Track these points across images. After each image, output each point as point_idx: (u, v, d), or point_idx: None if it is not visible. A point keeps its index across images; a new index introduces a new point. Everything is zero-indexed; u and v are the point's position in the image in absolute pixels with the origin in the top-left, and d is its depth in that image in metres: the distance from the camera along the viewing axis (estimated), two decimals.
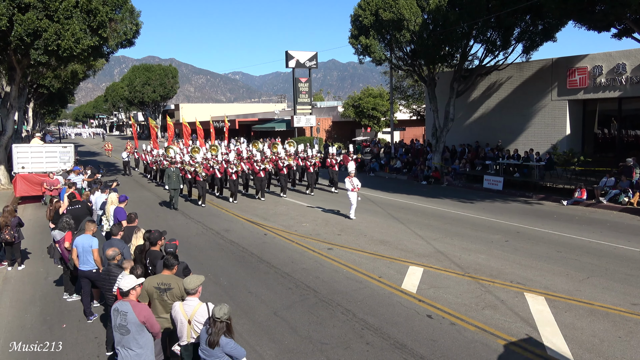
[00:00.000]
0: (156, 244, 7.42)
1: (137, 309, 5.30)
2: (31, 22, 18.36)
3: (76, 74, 35.44)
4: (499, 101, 25.48)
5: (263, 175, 19.73)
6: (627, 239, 12.58)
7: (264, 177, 19.89)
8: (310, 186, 21.13)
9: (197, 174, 18.73)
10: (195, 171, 18.85)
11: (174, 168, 18.37)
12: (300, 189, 22.55)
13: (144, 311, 5.35)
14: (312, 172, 21.12)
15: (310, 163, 20.92)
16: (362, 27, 24.47)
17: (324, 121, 45.79)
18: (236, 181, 19.62)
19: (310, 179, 21.16)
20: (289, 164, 21.16)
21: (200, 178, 18.65)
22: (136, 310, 5.28)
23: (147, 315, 5.35)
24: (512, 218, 15.37)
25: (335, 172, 21.48)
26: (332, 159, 21.54)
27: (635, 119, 22.00)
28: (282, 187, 20.75)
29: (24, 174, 20.36)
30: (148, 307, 5.53)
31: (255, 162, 19.93)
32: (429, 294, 9.02)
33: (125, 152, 31.06)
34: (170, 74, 73.12)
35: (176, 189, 18.08)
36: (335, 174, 21.50)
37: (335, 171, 21.51)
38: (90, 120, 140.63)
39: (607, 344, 6.95)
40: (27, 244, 12.94)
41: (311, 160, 21.04)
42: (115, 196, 11.65)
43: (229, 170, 19.44)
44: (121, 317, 5.29)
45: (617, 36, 17.50)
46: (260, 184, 19.85)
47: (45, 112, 64.47)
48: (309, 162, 20.97)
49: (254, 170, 19.80)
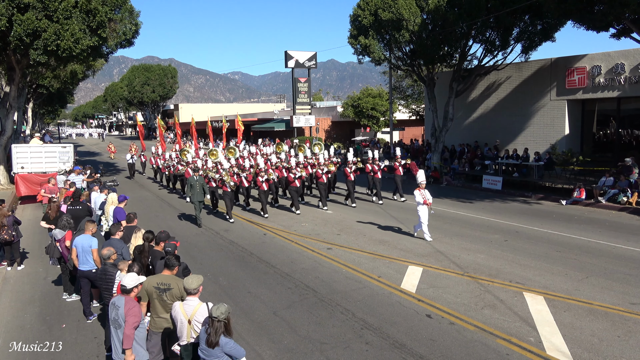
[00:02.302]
0: (159, 243, 7.44)
1: (128, 304, 5.48)
2: (30, 23, 18.35)
3: (75, 74, 35.40)
4: (498, 101, 25.49)
5: (299, 184, 17.12)
6: (626, 238, 12.60)
7: (299, 187, 17.20)
8: (350, 196, 18.16)
9: (224, 183, 15.86)
10: (222, 180, 15.91)
11: (198, 177, 15.60)
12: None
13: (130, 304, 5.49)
14: (325, 182, 17.85)
15: (322, 171, 17.79)
16: (361, 27, 24.48)
17: (323, 121, 45.81)
18: (267, 192, 16.90)
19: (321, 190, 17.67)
20: (328, 170, 17.99)
21: (227, 188, 15.82)
22: (127, 305, 5.47)
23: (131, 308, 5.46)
24: (511, 218, 15.38)
25: (378, 179, 18.46)
26: (374, 164, 18.54)
27: (633, 118, 22.03)
28: (321, 197, 17.58)
29: (23, 174, 20.37)
30: (139, 306, 5.63)
31: (288, 170, 17.56)
32: (428, 293, 9.03)
33: (129, 154, 29.08)
34: (169, 74, 73.16)
35: (201, 200, 15.45)
36: (378, 182, 18.51)
37: (378, 179, 18.47)
38: (89, 121, 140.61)
39: (606, 344, 6.96)
40: (26, 244, 12.95)
41: (322, 168, 17.95)
42: (115, 196, 11.66)
43: (259, 178, 16.68)
44: (115, 311, 5.52)
45: (616, 36, 17.52)
46: (295, 194, 16.88)
47: (45, 112, 64.39)
48: (320, 171, 17.76)
49: (288, 179, 17.21)
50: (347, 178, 17.84)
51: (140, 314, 5.57)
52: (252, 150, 25.04)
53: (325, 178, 17.69)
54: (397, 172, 18.77)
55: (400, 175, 18.87)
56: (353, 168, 17.85)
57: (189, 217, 16.71)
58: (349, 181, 17.81)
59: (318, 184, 17.77)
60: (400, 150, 20.05)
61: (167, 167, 23.86)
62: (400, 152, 19.69)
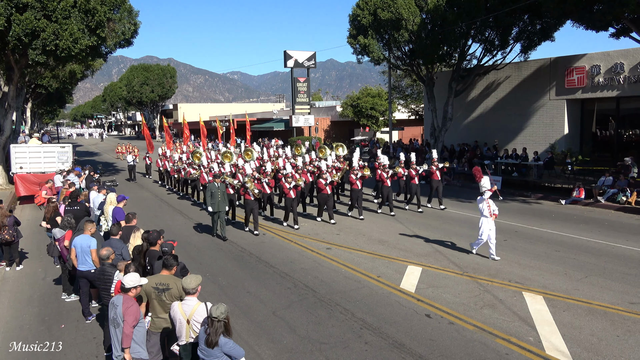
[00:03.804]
0: (155, 244, 7.42)
1: (126, 303, 5.47)
2: (29, 22, 18.32)
3: (74, 74, 35.36)
4: (497, 101, 25.50)
5: (330, 191, 15.23)
6: (625, 238, 12.61)
7: (330, 195, 15.29)
8: (382, 202, 16.66)
9: (247, 191, 13.94)
10: (245, 187, 13.99)
11: (219, 183, 13.70)
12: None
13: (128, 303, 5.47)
14: (359, 189, 15.86)
15: (355, 176, 15.88)
16: (360, 27, 24.51)
17: (322, 121, 45.82)
18: (296, 199, 14.98)
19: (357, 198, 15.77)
20: (362, 175, 16.08)
21: (251, 196, 13.88)
22: (125, 304, 5.45)
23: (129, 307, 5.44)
24: (511, 217, 15.39)
25: (416, 185, 16.67)
26: (412, 169, 16.67)
27: (633, 118, 22.06)
28: (358, 207, 15.82)
29: (22, 174, 20.34)
30: (137, 304, 5.61)
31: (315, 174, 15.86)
32: (427, 293, 9.02)
33: (131, 156, 28.05)
34: (168, 74, 73.10)
35: (222, 210, 13.61)
36: (417, 188, 16.72)
37: (417, 184, 16.68)
38: (88, 121, 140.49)
39: (605, 343, 6.96)
40: (25, 244, 12.93)
41: (356, 173, 16.00)
42: (114, 196, 11.63)
43: (285, 184, 14.67)
44: (114, 310, 5.51)
45: (615, 36, 17.54)
46: (325, 202, 15.14)
47: (44, 112, 64.36)
48: (354, 176, 15.81)
49: (319, 186, 15.19)
50: (383, 183, 16.13)
51: (139, 313, 5.55)
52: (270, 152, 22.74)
53: (360, 184, 15.76)
54: (434, 176, 16.96)
55: (438, 180, 17.01)
56: (390, 173, 16.31)
57: (188, 217, 16.69)
58: (385, 187, 16.10)
59: (352, 190, 15.88)
60: (436, 153, 18.14)
61: (177, 170, 21.99)
62: (437, 155, 17.89)
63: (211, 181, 14.15)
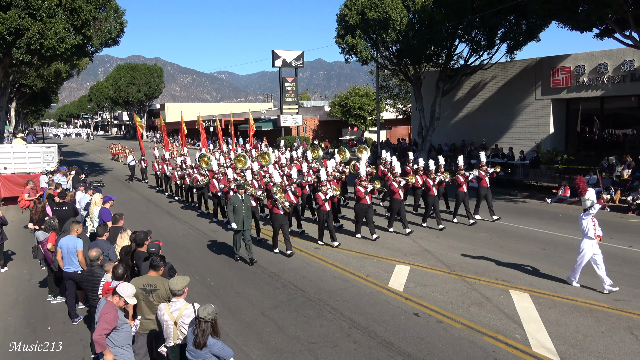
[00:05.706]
0: (142, 245, 7.36)
1: (105, 309, 5.32)
2: (13, 21, 18.08)
3: (60, 73, 35.00)
4: (484, 100, 25.71)
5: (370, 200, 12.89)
6: (609, 235, 12.76)
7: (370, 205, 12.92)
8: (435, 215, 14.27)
9: (276, 204, 11.57)
10: (274, 199, 11.58)
11: (243, 195, 11.43)
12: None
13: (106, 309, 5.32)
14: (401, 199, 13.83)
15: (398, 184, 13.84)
16: (348, 27, 24.53)
17: (310, 120, 45.81)
18: (331, 212, 12.47)
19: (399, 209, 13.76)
20: (407, 182, 14.16)
21: (280, 210, 11.58)
22: (103, 309, 5.32)
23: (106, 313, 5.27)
24: (497, 216, 15.49)
25: (463, 193, 14.53)
26: (460, 175, 14.63)
27: (616, 117, 22.36)
28: (402, 218, 13.66)
29: (5, 175, 20.04)
30: (115, 309, 5.37)
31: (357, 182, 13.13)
32: (415, 292, 9.07)
33: (131, 156, 27.47)
34: (155, 73, 72.58)
35: (248, 228, 11.33)
36: (465, 197, 14.59)
37: (464, 192, 14.55)
38: (74, 120, 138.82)
39: (590, 340, 7.06)
40: (10, 246, 12.74)
41: (399, 180, 13.94)
42: (99, 197, 11.50)
43: (319, 195, 12.39)
44: (97, 312, 5.47)
45: (599, 36, 17.76)
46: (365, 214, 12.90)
47: (28, 112, 63.50)
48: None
49: (358, 195, 12.79)
50: (429, 192, 14.29)
51: (116, 321, 5.29)
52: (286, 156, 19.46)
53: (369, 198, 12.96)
54: (483, 183, 14.76)
55: (487, 188, 14.78)
56: (437, 180, 14.52)
57: (176, 218, 16.58)
58: (431, 196, 14.24)
59: (392, 200, 13.97)
60: (484, 156, 15.64)
61: (181, 176, 19.33)
62: (484, 158, 15.44)
63: (234, 190, 12.09)
